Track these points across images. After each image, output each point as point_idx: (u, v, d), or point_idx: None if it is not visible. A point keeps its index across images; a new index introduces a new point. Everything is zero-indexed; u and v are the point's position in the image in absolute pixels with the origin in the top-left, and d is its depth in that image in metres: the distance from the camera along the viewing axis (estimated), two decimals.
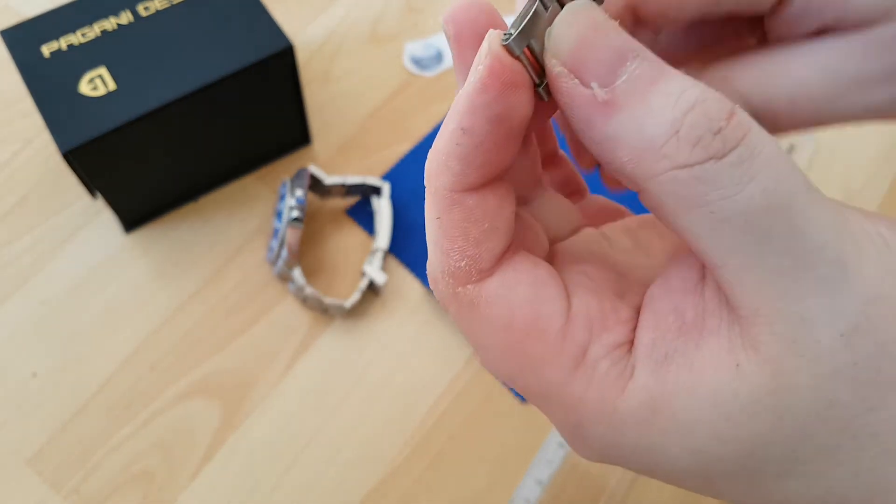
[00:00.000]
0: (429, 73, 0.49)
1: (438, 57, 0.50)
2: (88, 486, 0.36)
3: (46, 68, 0.38)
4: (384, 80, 0.49)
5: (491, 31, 0.14)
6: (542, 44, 0.14)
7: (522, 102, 0.14)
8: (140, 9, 0.40)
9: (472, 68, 0.14)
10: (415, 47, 0.51)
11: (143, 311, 0.41)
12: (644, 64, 0.13)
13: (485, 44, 0.14)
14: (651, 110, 0.13)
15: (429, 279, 0.16)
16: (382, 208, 0.43)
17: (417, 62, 0.50)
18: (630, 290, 0.17)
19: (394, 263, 0.42)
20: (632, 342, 0.15)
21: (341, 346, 0.40)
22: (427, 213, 0.15)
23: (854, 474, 0.14)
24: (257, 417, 0.38)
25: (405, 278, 0.42)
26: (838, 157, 0.47)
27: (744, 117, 0.13)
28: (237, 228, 0.43)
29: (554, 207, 0.19)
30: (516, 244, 0.16)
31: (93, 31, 0.39)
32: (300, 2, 0.52)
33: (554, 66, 0.14)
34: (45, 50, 0.38)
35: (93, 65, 0.38)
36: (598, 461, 0.16)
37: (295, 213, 0.39)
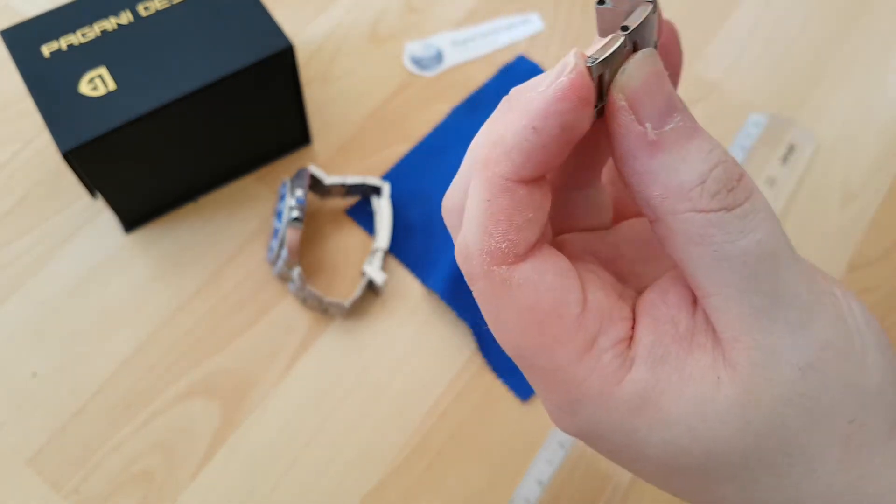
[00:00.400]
0: (429, 73, 0.49)
1: (438, 57, 0.50)
2: (89, 486, 0.36)
3: (46, 68, 0.38)
4: (384, 80, 0.49)
5: (576, 49, 0.16)
6: (611, 76, 0.16)
7: (585, 119, 0.16)
8: (140, 9, 0.40)
9: (552, 77, 0.16)
10: (415, 47, 0.51)
11: (143, 311, 0.41)
12: (686, 119, 0.16)
13: (571, 59, 0.16)
14: (687, 159, 0.16)
15: (460, 253, 0.17)
16: (382, 208, 0.43)
17: (417, 62, 0.50)
18: (626, 293, 0.19)
19: (394, 263, 0.42)
20: (631, 339, 0.17)
21: (341, 346, 0.40)
22: (475, 194, 0.17)
23: (779, 486, 0.17)
24: (257, 417, 0.38)
25: (405, 278, 0.42)
26: (838, 158, 0.47)
27: (749, 181, 0.16)
28: (237, 228, 0.43)
29: (599, 200, 0.21)
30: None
31: (93, 31, 0.39)
32: (300, 2, 0.52)
33: (619, 99, 0.16)
34: (45, 50, 0.38)
35: (93, 65, 0.38)
36: (576, 435, 0.18)
37: (295, 213, 0.39)
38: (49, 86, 0.37)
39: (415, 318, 0.41)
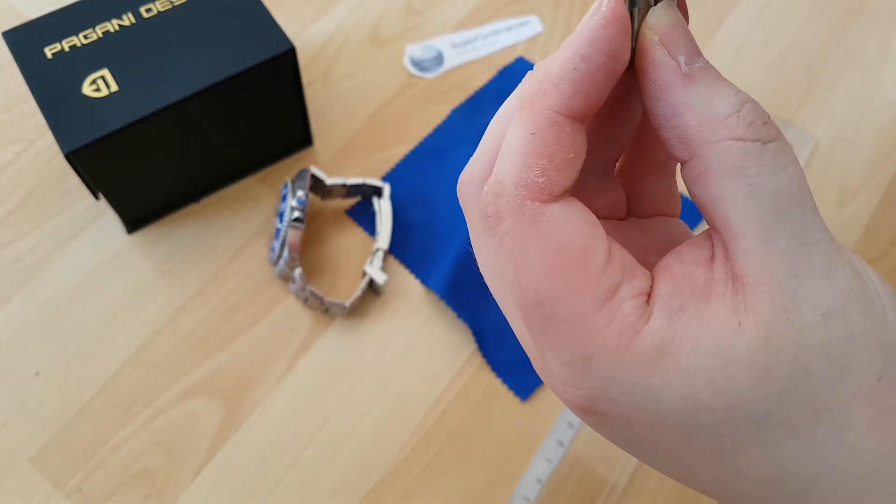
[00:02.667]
0: (429, 75, 0.50)
1: (439, 59, 0.50)
2: (91, 485, 0.36)
3: (49, 70, 0.38)
4: (385, 81, 0.49)
5: None
6: (638, 24, 0.17)
7: (626, 48, 0.17)
8: (142, 11, 0.40)
9: (593, 10, 0.16)
10: (415, 49, 0.51)
11: (145, 310, 0.41)
12: (709, 64, 0.17)
13: None
14: (719, 92, 0.16)
15: (489, 193, 0.17)
16: (383, 209, 0.43)
17: (418, 64, 0.50)
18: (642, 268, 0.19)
19: (394, 263, 0.43)
20: (650, 294, 0.17)
21: (342, 345, 0.40)
22: (518, 129, 0.17)
23: (805, 451, 0.16)
24: (259, 416, 0.38)
25: (405, 278, 0.42)
26: (835, 158, 0.47)
27: (777, 129, 0.16)
28: (239, 229, 0.44)
29: (614, 189, 0.21)
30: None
31: (95, 33, 0.39)
32: (301, 4, 0.52)
33: (651, 36, 0.17)
34: (48, 51, 0.38)
35: (95, 66, 0.38)
36: (583, 403, 0.17)
37: (296, 214, 0.40)
38: (52, 87, 0.37)
39: (415, 318, 0.41)
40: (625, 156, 0.22)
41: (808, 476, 0.16)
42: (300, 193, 0.40)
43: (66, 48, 0.39)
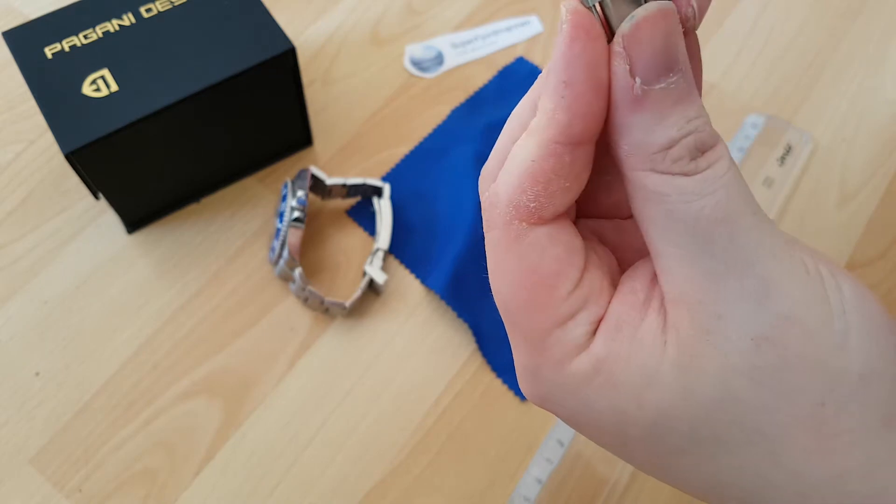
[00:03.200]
0: (429, 75, 0.50)
1: (439, 59, 0.50)
2: (91, 485, 0.36)
3: (49, 69, 0.38)
4: (385, 81, 0.49)
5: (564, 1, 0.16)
6: (616, 17, 0.16)
7: (603, 52, 0.16)
8: (142, 11, 0.40)
9: (558, 36, 0.16)
10: (415, 49, 0.51)
11: (146, 310, 0.41)
12: (682, 83, 0.16)
13: (562, 7, 0.16)
14: (663, 122, 0.16)
15: (488, 199, 0.18)
16: (383, 209, 0.43)
17: (418, 64, 0.50)
18: (617, 276, 0.19)
19: (394, 263, 0.43)
20: (604, 314, 0.18)
21: (342, 345, 0.40)
22: (522, 152, 0.17)
23: (740, 468, 0.16)
24: (259, 416, 0.38)
25: (405, 278, 0.42)
26: (835, 158, 0.47)
27: (722, 149, 0.16)
28: (239, 229, 0.44)
29: (617, 189, 0.21)
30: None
31: (95, 33, 0.39)
32: (301, 4, 0.52)
33: (617, 44, 0.16)
34: (48, 51, 0.39)
35: (95, 66, 0.38)
36: (536, 401, 0.19)
37: (296, 214, 0.40)
38: (52, 87, 0.37)
39: (415, 318, 0.41)
40: None
41: (746, 491, 0.17)
42: (300, 193, 0.40)
43: (66, 48, 0.39)
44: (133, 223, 0.43)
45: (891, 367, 0.16)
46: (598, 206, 0.21)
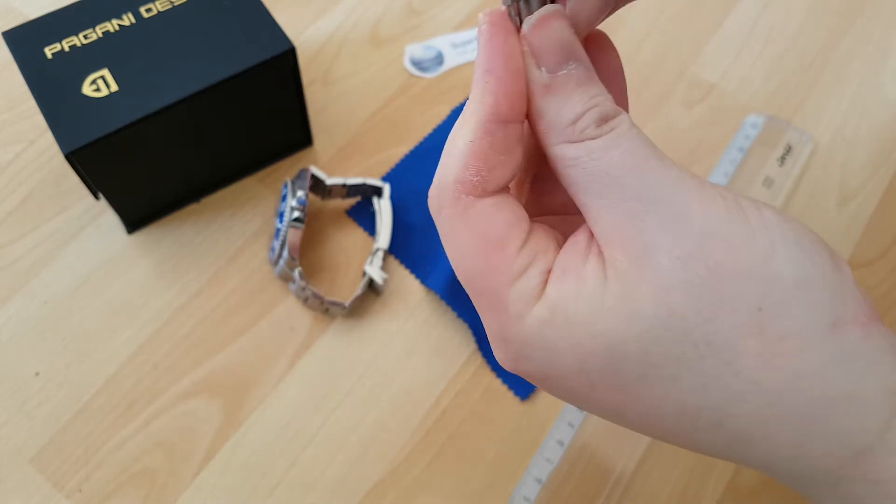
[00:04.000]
0: (429, 75, 0.50)
1: (439, 59, 0.50)
2: (91, 485, 0.36)
3: (49, 69, 0.38)
4: (385, 81, 0.49)
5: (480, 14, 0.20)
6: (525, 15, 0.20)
7: (517, 43, 0.20)
8: (142, 11, 0.40)
9: (479, 36, 0.20)
10: (415, 49, 0.51)
11: (146, 310, 0.41)
12: (580, 68, 0.20)
13: (479, 16, 0.20)
14: (569, 102, 0.19)
15: (434, 189, 0.21)
16: (383, 209, 0.43)
17: (418, 64, 0.50)
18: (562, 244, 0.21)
19: (394, 263, 0.43)
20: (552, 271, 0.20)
21: (342, 345, 0.40)
22: (459, 137, 0.20)
23: (703, 385, 0.18)
24: (259, 416, 0.38)
25: (405, 278, 0.42)
26: (835, 158, 0.47)
27: (623, 117, 0.19)
28: (239, 229, 0.44)
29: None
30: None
31: (95, 33, 0.39)
32: (301, 4, 0.53)
33: (524, 44, 0.20)
34: (48, 51, 0.39)
35: (95, 66, 0.38)
36: (513, 367, 0.20)
37: (296, 214, 0.40)
38: (52, 87, 0.37)
39: (415, 318, 0.41)
40: None
41: (715, 407, 0.18)
42: (300, 193, 0.40)
43: (66, 48, 0.39)
44: (133, 223, 0.43)
45: (827, 274, 0.18)
46: (546, 208, 0.24)
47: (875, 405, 0.17)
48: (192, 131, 0.40)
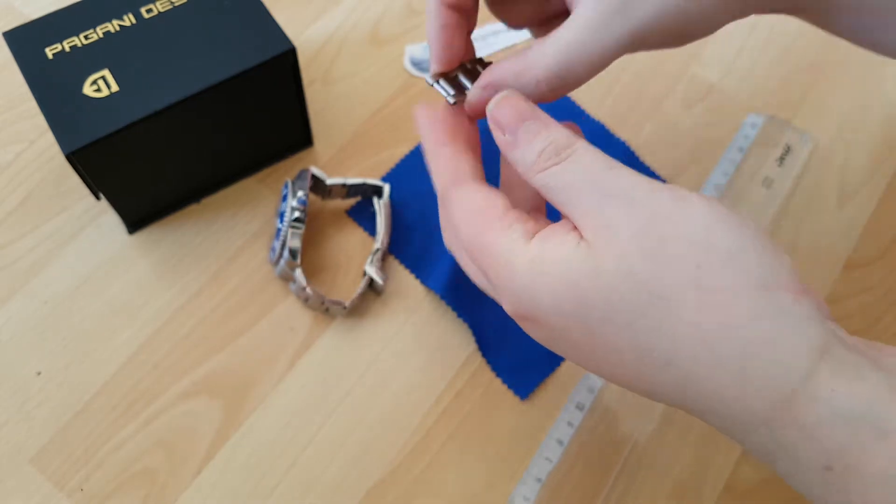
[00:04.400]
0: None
1: None
2: (91, 485, 0.36)
3: (49, 70, 0.38)
4: (385, 81, 0.49)
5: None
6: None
7: (456, 115, 0.30)
8: (143, 11, 0.40)
9: (420, 131, 0.30)
10: (415, 49, 0.51)
11: (146, 310, 0.41)
12: (535, 122, 0.26)
13: (415, 114, 0.31)
14: (530, 147, 0.25)
15: (439, 196, 0.29)
16: (383, 209, 0.43)
17: (418, 64, 0.50)
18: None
19: (394, 263, 0.43)
20: (536, 233, 0.25)
21: (342, 345, 0.40)
22: (428, 148, 0.29)
23: (654, 329, 0.22)
24: (259, 416, 0.38)
25: (405, 278, 0.42)
26: (835, 158, 0.47)
27: (578, 143, 0.25)
28: (239, 229, 0.44)
29: None
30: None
31: (96, 34, 0.39)
32: (301, 4, 0.53)
33: (489, 120, 0.27)
34: (49, 52, 0.39)
35: (96, 67, 0.38)
36: (519, 313, 0.25)
37: (297, 214, 0.40)
38: (52, 87, 0.37)
39: (415, 317, 0.41)
40: None
41: (665, 348, 0.22)
42: (300, 193, 0.40)
43: (67, 48, 0.39)
44: (133, 223, 0.43)
45: (759, 249, 0.22)
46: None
47: (798, 354, 0.21)
48: (192, 131, 0.40)
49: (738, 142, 0.47)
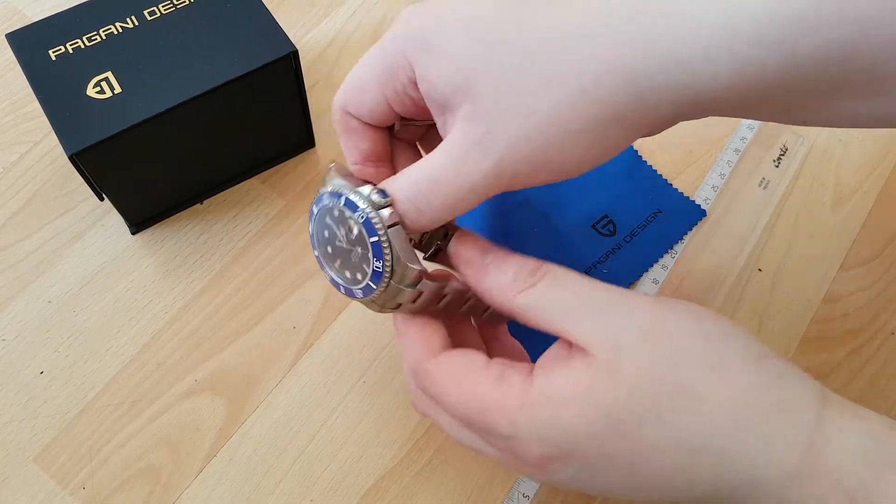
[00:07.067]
0: None
1: None
2: (95, 482, 0.37)
3: (53, 72, 0.38)
4: None
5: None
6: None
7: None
8: (146, 13, 0.40)
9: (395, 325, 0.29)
10: None
11: (149, 310, 0.41)
12: (499, 252, 0.27)
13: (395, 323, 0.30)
14: (503, 268, 0.26)
15: (410, 371, 0.28)
16: None
17: None
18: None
19: None
20: (532, 370, 0.25)
21: (343, 344, 0.41)
22: (396, 326, 0.29)
23: (687, 414, 0.23)
24: (261, 414, 0.39)
25: None
26: (831, 160, 0.47)
27: (545, 266, 0.26)
28: (242, 229, 0.44)
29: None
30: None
31: (99, 36, 0.40)
32: (304, 7, 0.53)
33: (458, 265, 0.28)
34: (52, 54, 0.39)
35: (99, 69, 0.38)
36: (546, 452, 0.24)
37: (387, 213, 0.25)
38: (56, 89, 0.38)
39: None
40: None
41: (698, 430, 0.23)
42: (375, 196, 0.26)
43: (70, 50, 0.39)
44: (137, 224, 0.44)
45: (738, 331, 0.25)
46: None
47: (806, 407, 0.23)
48: (195, 133, 0.41)
49: (734, 143, 0.47)
